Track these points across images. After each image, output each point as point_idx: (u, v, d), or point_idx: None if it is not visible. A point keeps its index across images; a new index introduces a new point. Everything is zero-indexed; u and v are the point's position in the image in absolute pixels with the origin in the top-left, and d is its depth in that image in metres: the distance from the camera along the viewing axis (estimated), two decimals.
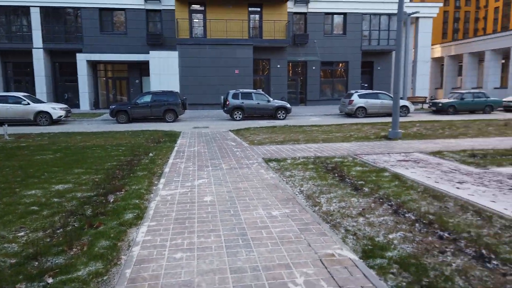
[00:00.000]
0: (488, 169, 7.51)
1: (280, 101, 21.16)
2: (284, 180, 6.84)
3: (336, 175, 7.13)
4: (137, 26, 27.55)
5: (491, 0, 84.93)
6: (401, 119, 19.27)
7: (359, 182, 6.52)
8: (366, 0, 29.47)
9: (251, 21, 27.45)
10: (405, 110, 21.91)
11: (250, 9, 27.14)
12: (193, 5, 26.49)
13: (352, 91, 22.30)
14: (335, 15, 29.84)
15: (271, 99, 21.04)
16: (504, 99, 24.73)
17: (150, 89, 26.10)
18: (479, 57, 37.16)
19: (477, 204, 5.21)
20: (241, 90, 20.78)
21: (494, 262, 3.51)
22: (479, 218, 4.67)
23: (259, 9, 27.26)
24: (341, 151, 9.81)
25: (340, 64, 30.78)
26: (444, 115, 22.20)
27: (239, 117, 20.46)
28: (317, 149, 10.16)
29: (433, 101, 24.47)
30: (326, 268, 3.45)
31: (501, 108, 24.24)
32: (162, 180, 6.85)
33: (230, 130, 15.28)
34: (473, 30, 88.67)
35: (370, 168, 7.73)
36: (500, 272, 3.32)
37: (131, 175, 7.24)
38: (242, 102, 20.31)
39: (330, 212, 5.03)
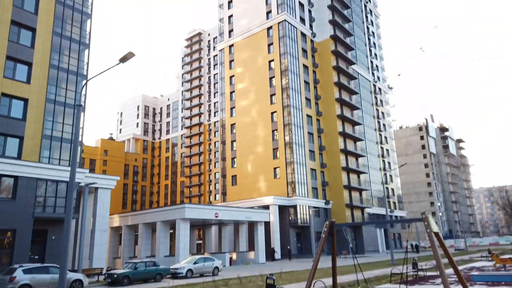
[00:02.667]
0: None
1: None
2: None
3: None
4: None
5: (162, 177, 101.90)
6: None
7: None
8: (43, 166, 28.37)
9: None
10: (78, 284, 20.29)
11: None
12: None
13: (16, 266, 18.97)
14: (4, 177, 26.62)
15: None
16: (171, 267, 27.52)
17: None
18: (153, 227, 41.45)
19: None
20: None
21: None
22: None
23: None
24: None
25: (7, 233, 26.34)
26: (119, 287, 21.93)
27: None
28: None
29: (109, 272, 24.11)
30: None
31: (169, 275, 26.63)
32: None
33: None
34: (149, 202, 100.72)
35: None
36: None
37: None
38: None
39: None
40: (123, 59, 13.74)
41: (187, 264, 27.68)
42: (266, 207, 50.89)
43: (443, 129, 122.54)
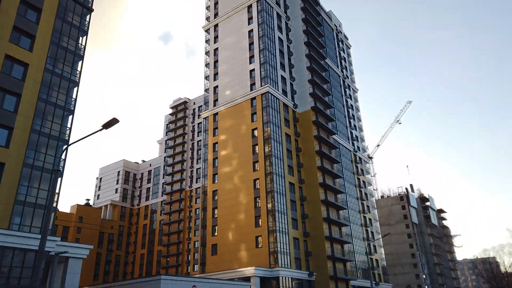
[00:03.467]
0: None
1: None
2: None
3: None
4: None
5: (138, 246, 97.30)
6: None
7: None
8: (12, 233, 26.82)
9: None
10: None
11: None
12: None
13: None
14: None
15: None
16: None
17: None
18: None
19: None
20: None
21: None
22: None
23: None
24: None
25: None
26: None
27: None
28: None
29: None
30: None
31: None
32: None
33: None
34: (123, 273, 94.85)
35: None
36: None
37: None
38: None
39: None
40: (107, 125, 13.80)
41: None
42: (247, 279, 48.53)
43: (423, 199, 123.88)
